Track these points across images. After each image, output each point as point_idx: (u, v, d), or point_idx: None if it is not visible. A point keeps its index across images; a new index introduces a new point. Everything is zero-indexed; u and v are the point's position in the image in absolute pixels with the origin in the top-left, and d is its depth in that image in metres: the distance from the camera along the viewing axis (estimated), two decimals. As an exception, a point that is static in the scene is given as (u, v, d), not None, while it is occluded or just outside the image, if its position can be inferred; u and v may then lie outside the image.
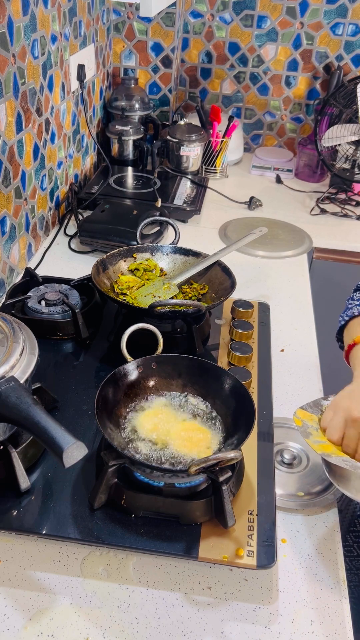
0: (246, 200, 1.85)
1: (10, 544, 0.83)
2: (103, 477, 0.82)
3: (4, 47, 1.17)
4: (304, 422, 0.92)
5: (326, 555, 0.85)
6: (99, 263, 1.23)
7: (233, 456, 0.78)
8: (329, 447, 0.87)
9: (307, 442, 0.87)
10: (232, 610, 0.77)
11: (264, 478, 0.90)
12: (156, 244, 1.34)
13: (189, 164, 1.93)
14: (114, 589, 0.78)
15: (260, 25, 2.06)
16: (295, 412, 0.93)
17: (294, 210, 1.87)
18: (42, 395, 0.98)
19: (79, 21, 1.62)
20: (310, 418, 0.92)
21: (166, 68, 2.05)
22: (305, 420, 0.92)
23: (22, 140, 1.32)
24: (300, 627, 0.76)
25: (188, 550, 0.80)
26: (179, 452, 0.86)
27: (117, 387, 0.93)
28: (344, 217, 1.85)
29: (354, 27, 2.01)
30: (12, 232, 1.33)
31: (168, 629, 0.75)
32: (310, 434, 0.89)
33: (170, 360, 0.99)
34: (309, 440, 0.87)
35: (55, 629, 0.74)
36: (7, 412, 0.74)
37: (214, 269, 1.26)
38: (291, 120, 2.21)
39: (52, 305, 1.20)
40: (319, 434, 0.89)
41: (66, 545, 0.83)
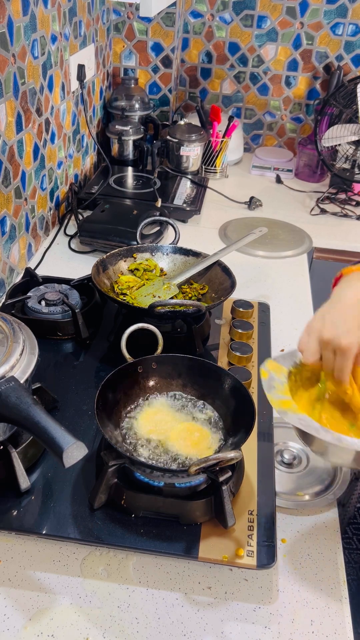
0: (246, 200, 1.85)
1: (10, 544, 0.83)
2: (103, 477, 0.82)
3: (4, 47, 1.17)
4: (271, 374, 0.86)
5: (326, 555, 0.85)
6: (99, 263, 1.23)
7: (233, 456, 0.78)
8: (289, 403, 0.82)
9: (268, 396, 0.83)
10: (232, 610, 0.77)
11: (264, 478, 0.90)
12: (156, 244, 1.34)
13: (189, 164, 1.93)
14: (114, 589, 0.78)
15: (260, 25, 2.06)
16: (265, 363, 0.88)
17: (294, 210, 1.87)
18: (42, 395, 0.98)
19: (79, 21, 1.62)
20: (279, 370, 0.87)
21: (166, 68, 2.05)
22: (273, 372, 0.86)
23: (22, 140, 1.32)
24: (300, 627, 0.76)
25: (188, 550, 0.80)
26: (179, 452, 0.86)
27: (117, 387, 0.93)
28: (344, 217, 1.85)
29: (354, 27, 2.01)
30: (12, 232, 1.33)
31: (168, 629, 0.75)
32: (274, 388, 0.84)
33: (170, 360, 0.99)
34: (270, 394, 0.83)
35: (55, 629, 0.74)
36: (7, 412, 0.74)
37: (214, 269, 1.26)
38: (291, 120, 2.21)
39: (52, 305, 1.20)
40: (284, 388, 0.84)
41: (66, 545, 0.83)
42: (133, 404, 0.95)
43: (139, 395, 0.96)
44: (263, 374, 0.86)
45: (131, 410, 0.94)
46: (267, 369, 0.87)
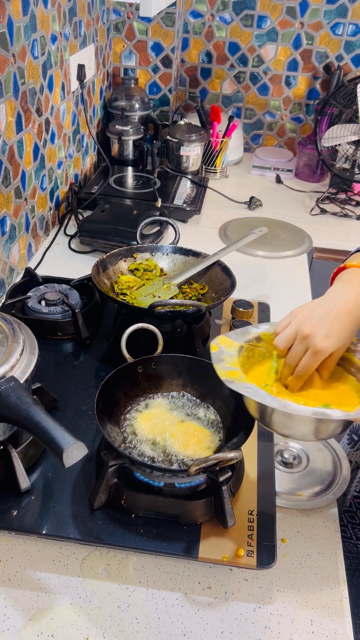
0: (246, 200, 1.85)
1: (10, 544, 0.83)
2: (103, 477, 0.82)
3: (4, 47, 1.17)
4: (221, 348, 0.85)
5: (326, 555, 0.85)
6: (99, 263, 1.23)
7: (233, 456, 0.78)
8: (236, 373, 0.81)
9: (216, 367, 0.82)
10: (232, 610, 0.77)
11: (264, 478, 0.90)
12: (156, 244, 1.34)
13: (189, 164, 1.93)
14: (114, 589, 0.78)
15: (260, 25, 2.06)
16: (216, 339, 0.88)
17: (294, 210, 1.87)
18: (42, 395, 0.98)
19: (79, 21, 1.62)
20: (230, 345, 0.86)
21: (166, 68, 2.06)
22: (224, 346, 0.86)
23: (22, 140, 1.32)
24: (300, 627, 0.76)
25: (188, 550, 0.80)
26: (179, 452, 0.86)
27: (117, 387, 0.93)
28: (344, 217, 1.85)
29: (354, 27, 2.01)
30: (12, 232, 1.33)
31: (168, 629, 0.75)
32: (222, 360, 0.83)
33: (170, 360, 0.99)
34: (217, 366, 0.82)
35: (55, 629, 0.74)
36: (7, 412, 0.74)
37: (214, 269, 1.26)
38: (291, 120, 2.21)
39: (52, 305, 1.20)
40: (233, 361, 0.83)
41: (66, 545, 0.83)
42: (133, 404, 0.95)
43: (138, 395, 0.96)
44: (213, 348, 0.85)
45: (131, 410, 0.94)
46: (217, 343, 0.87)
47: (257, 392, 0.77)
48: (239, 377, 0.80)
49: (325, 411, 0.75)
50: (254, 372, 0.87)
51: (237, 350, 0.86)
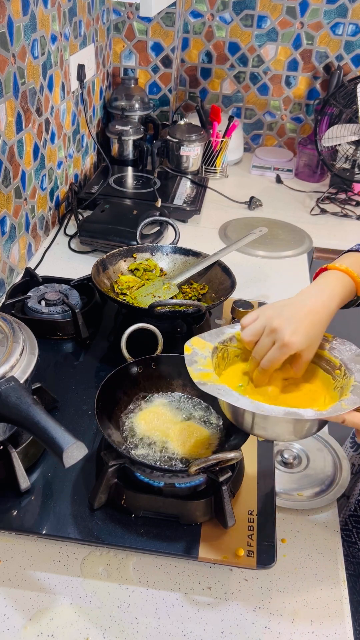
0: (246, 200, 1.85)
1: (10, 544, 0.83)
2: (103, 477, 0.82)
3: (4, 47, 1.17)
4: (194, 349, 0.84)
5: (326, 555, 0.85)
6: (99, 263, 1.23)
7: (233, 456, 0.78)
8: (208, 375, 0.79)
9: (189, 369, 0.80)
10: (232, 610, 0.77)
11: (264, 478, 0.90)
12: (156, 244, 1.34)
13: (189, 164, 1.93)
14: (114, 589, 0.78)
15: (260, 25, 2.06)
16: (189, 340, 0.86)
17: (294, 210, 1.87)
18: (42, 395, 0.98)
19: (79, 21, 1.62)
20: (204, 346, 0.85)
21: (166, 68, 2.05)
22: (197, 347, 0.84)
23: (22, 140, 1.32)
24: (300, 627, 0.76)
25: (188, 550, 0.80)
26: (179, 452, 0.86)
27: (117, 387, 0.93)
28: (344, 217, 1.85)
29: (354, 27, 2.01)
30: (12, 232, 1.33)
31: (168, 629, 0.75)
32: (196, 362, 0.82)
33: (170, 360, 0.99)
34: (191, 367, 0.80)
35: (55, 629, 0.74)
36: (7, 412, 0.74)
37: (214, 269, 1.26)
38: (291, 120, 2.21)
39: (52, 305, 1.20)
40: (206, 362, 0.82)
41: (66, 545, 0.83)
42: (133, 404, 0.95)
43: (138, 395, 0.96)
44: (186, 350, 0.83)
45: (131, 410, 0.94)
46: (190, 345, 0.85)
47: (228, 394, 0.76)
48: (212, 379, 0.79)
49: (298, 411, 0.74)
50: (228, 373, 0.87)
51: (210, 352, 0.84)
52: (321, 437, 1.04)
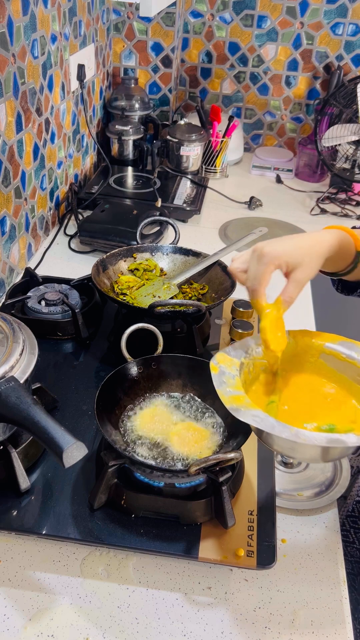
0: (246, 200, 1.85)
1: (10, 544, 0.83)
2: (103, 477, 0.82)
3: (4, 47, 1.17)
4: (221, 368, 0.79)
5: (326, 555, 0.85)
6: (99, 263, 1.23)
7: (233, 456, 0.78)
8: (241, 398, 0.74)
9: (218, 392, 0.76)
10: (232, 610, 0.77)
11: (264, 478, 0.90)
12: (156, 244, 1.34)
13: (189, 164, 1.93)
14: (114, 589, 0.78)
15: (260, 25, 2.06)
16: (215, 357, 0.81)
17: (294, 210, 1.87)
18: (42, 395, 0.98)
19: (79, 21, 1.62)
20: (230, 363, 0.80)
21: (166, 68, 2.05)
22: (224, 365, 0.79)
23: (22, 140, 1.32)
24: (300, 627, 0.76)
25: (188, 550, 0.80)
26: (179, 452, 0.86)
27: (117, 387, 0.93)
28: (344, 217, 1.85)
29: (354, 27, 2.01)
30: (12, 232, 1.33)
31: (168, 629, 0.75)
32: (224, 383, 0.77)
33: (170, 360, 0.99)
34: (220, 390, 0.76)
35: (55, 629, 0.74)
36: (7, 412, 0.74)
37: (214, 269, 1.26)
38: (291, 120, 2.21)
39: (52, 305, 1.20)
40: (236, 382, 0.77)
41: (66, 545, 0.83)
42: (133, 404, 0.95)
43: (138, 395, 0.96)
44: (213, 369, 0.79)
45: (131, 410, 0.94)
46: (216, 362, 0.80)
47: (265, 421, 0.72)
48: (244, 403, 0.74)
49: (340, 437, 0.70)
50: (256, 389, 0.83)
51: (238, 369, 0.80)
52: (321, 437, 1.04)
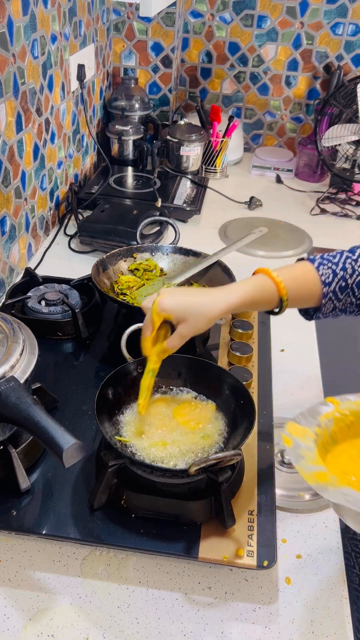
0: (246, 200, 1.85)
1: (10, 544, 0.83)
2: (103, 477, 0.82)
3: (4, 47, 1.17)
4: (295, 440, 0.74)
5: (326, 555, 0.85)
6: (99, 263, 1.23)
7: (233, 456, 0.78)
8: (325, 476, 0.68)
9: (298, 469, 0.70)
10: (232, 610, 0.77)
11: (264, 478, 0.90)
12: (156, 244, 1.34)
13: (189, 164, 1.93)
14: (114, 589, 0.78)
15: (260, 25, 2.06)
16: (286, 427, 0.76)
17: (294, 210, 1.87)
18: (42, 395, 0.98)
19: (79, 21, 1.62)
20: (304, 434, 0.76)
21: (166, 68, 2.05)
22: (297, 437, 0.75)
23: (22, 140, 1.32)
24: (300, 627, 0.76)
25: (188, 550, 0.80)
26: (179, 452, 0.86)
27: (117, 387, 0.93)
28: (344, 217, 1.85)
29: (354, 27, 2.01)
30: (12, 232, 1.33)
31: (168, 629, 0.75)
32: (302, 457, 0.71)
33: (170, 360, 0.98)
34: (300, 466, 0.70)
35: (55, 629, 0.74)
36: (7, 412, 0.74)
37: (214, 269, 1.26)
38: (291, 120, 2.21)
39: (52, 305, 1.20)
40: (314, 456, 0.72)
41: (66, 545, 0.83)
42: (133, 404, 0.95)
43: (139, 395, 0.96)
44: (286, 442, 0.74)
45: (131, 410, 0.94)
46: (289, 434, 0.75)
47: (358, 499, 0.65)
48: (330, 481, 0.68)
49: None
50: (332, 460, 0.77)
51: (313, 441, 0.75)
52: (321, 437, 1.04)
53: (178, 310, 0.84)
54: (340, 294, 0.89)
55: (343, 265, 0.90)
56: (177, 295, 0.86)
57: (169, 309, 0.84)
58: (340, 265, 0.90)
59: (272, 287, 0.88)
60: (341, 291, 0.89)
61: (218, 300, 0.86)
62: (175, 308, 0.84)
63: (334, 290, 0.89)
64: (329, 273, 0.89)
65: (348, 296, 0.90)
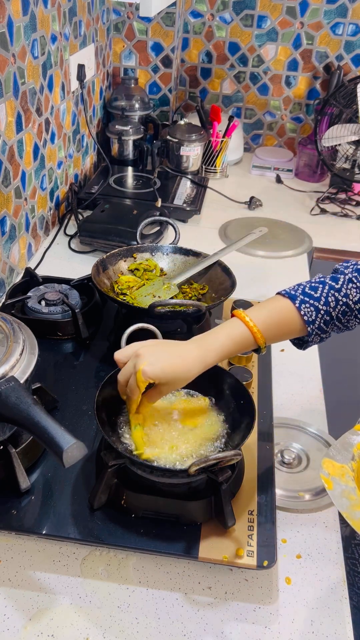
0: (246, 200, 1.85)
1: (10, 544, 0.83)
2: (103, 477, 0.82)
3: (4, 47, 1.17)
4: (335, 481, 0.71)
5: (326, 555, 0.85)
6: (99, 263, 1.23)
7: (233, 456, 0.78)
8: None
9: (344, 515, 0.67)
10: (232, 610, 0.77)
11: (264, 478, 0.90)
12: (156, 244, 1.34)
13: (189, 164, 1.93)
14: (114, 589, 0.78)
15: (260, 25, 2.06)
16: (322, 466, 0.73)
17: (294, 210, 1.87)
18: (42, 395, 0.98)
19: (79, 21, 1.62)
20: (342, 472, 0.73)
21: (166, 68, 2.05)
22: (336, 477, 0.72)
23: (22, 140, 1.32)
24: (300, 627, 0.76)
25: (188, 550, 0.80)
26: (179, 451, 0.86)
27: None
28: (344, 217, 1.85)
29: (354, 27, 2.01)
30: (12, 232, 1.33)
31: (168, 629, 0.75)
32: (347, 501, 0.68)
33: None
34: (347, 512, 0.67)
35: (55, 629, 0.74)
36: (7, 412, 0.74)
37: (214, 269, 1.26)
38: (291, 120, 2.21)
39: (52, 305, 1.20)
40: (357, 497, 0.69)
41: (66, 545, 0.83)
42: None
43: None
44: (327, 483, 0.71)
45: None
46: (327, 474, 0.72)
47: None
48: None
49: None
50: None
51: (352, 478, 0.72)
52: (321, 437, 1.04)
53: (163, 378, 0.82)
54: (325, 327, 0.88)
55: (325, 300, 0.87)
56: (160, 361, 0.83)
57: (154, 377, 0.82)
58: (322, 301, 0.87)
59: (249, 335, 0.86)
60: (326, 324, 0.87)
61: (196, 362, 0.85)
62: (160, 375, 0.82)
63: (318, 327, 0.87)
64: (311, 312, 0.86)
65: (333, 326, 0.88)
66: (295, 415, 1.07)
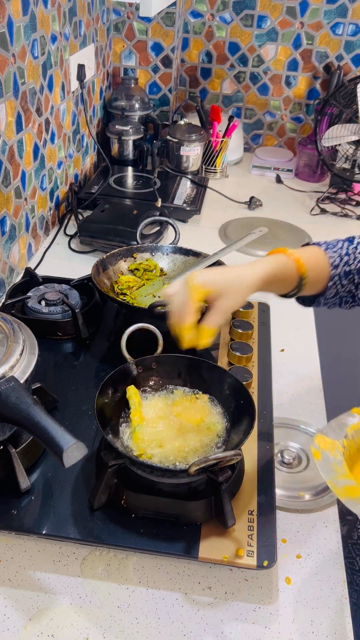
0: (246, 200, 1.85)
1: (10, 544, 0.83)
2: (103, 477, 0.82)
3: (4, 47, 1.17)
4: (324, 453, 0.74)
5: (326, 555, 0.85)
6: (99, 263, 1.23)
7: (233, 456, 0.78)
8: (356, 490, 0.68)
9: (329, 483, 0.70)
10: (232, 610, 0.77)
11: (264, 478, 0.90)
12: (156, 244, 1.34)
13: (189, 164, 1.93)
14: (114, 589, 0.78)
15: (260, 25, 2.06)
16: (314, 440, 0.77)
17: (294, 210, 1.87)
18: (42, 395, 0.98)
19: (79, 21, 1.62)
20: (332, 446, 0.76)
21: (166, 68, 2.05)
22: (326, 450, 0.75)
23: (22, 140, 1.32)
24: (300, 627, 0.76)
25: (188, 550, 0.80)
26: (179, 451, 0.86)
27: (117, 387, 0.93)
28: (344, 217, 1.85)
29: (354, 27, 2.01)
30: (12, 232, 1.33)
31: (168, 629, 0.75)
32: (333, 472, 0.71)
33: (170, 360, 0.99)
34: (330, 481, 0.70)
35: (55, 629, 0.74)
36: (7, 412, 0.74)
37: (214, 269, 1.26)
38: (291, 120, 2.21)
39: (52, 305, 1.20)
40: (344, 470, 0.72)
41: (66, 545, 0.83)
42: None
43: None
44: (315, 455, 0.75)
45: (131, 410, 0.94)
46: (318, 447, 0.76)
47: None
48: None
49: None
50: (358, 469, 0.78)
51: (341, 454, 0.75)
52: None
53: (218, 283, 0.79)
54: (344, 279, 0.91)
55: (346, 251, 0.92)
56: (211, 272, 0.81)
57: (210, 282, 0.78)
58: (344, 251, 0.93)
59: (291, 263, 0.89)
60: (345, 276, 0.91)
61: (250, 272, 0.83)
62: (211, 283, 0.79)
63: (339, 274, 0.91)
64: (335, 256, 0.92)
65: (350, 282, 0.92)
66: (295, 415, 1.08)
